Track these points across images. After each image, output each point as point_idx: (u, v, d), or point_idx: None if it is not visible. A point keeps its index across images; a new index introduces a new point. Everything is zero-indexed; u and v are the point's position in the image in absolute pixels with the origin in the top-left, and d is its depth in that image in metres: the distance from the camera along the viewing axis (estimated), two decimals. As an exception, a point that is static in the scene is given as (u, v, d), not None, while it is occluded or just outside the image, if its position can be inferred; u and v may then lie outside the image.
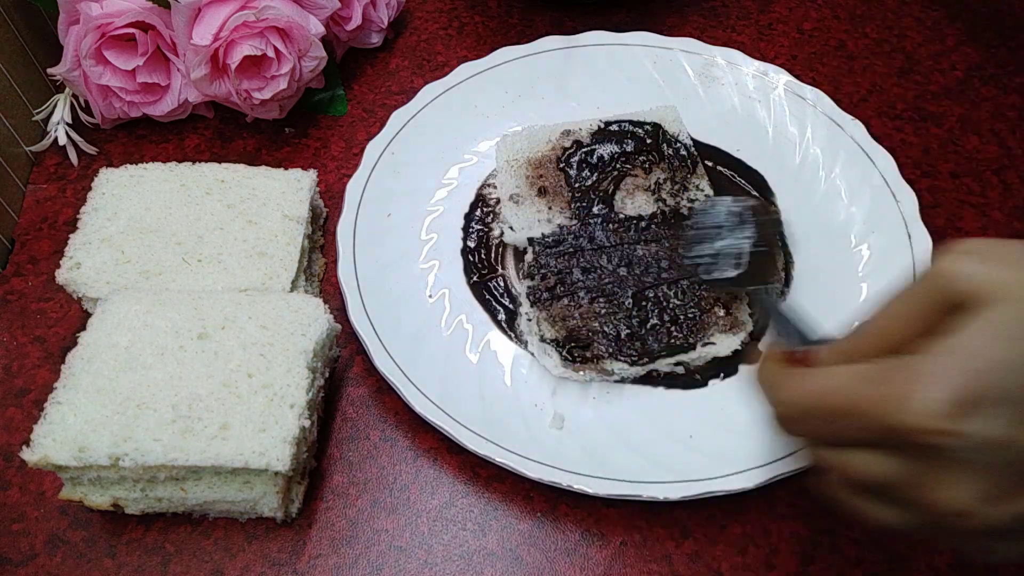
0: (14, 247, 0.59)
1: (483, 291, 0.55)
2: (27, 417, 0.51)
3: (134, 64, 0.60)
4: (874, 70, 0.71)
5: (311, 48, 0.60)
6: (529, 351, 0.52)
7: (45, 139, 0.63)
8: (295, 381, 0.45)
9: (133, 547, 0.47)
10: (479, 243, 0.58)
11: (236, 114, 0.65)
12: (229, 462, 0.42)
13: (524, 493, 0.49)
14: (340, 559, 0.46)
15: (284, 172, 0.56)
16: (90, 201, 0.53)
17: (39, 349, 0.54)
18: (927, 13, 0.75)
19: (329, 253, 0.59)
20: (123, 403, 0.43)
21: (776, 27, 0.74)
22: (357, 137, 0.65)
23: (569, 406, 0.50)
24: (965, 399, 0.27)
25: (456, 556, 0.47)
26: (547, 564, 0.46)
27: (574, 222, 0.56)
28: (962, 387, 0.27)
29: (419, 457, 0.50)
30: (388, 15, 0.69)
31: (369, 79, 0.69)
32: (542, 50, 0.67)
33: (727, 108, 0.65)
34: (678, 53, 0.67)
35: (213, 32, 0.56)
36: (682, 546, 0.47)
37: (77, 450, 0.42)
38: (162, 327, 0.46)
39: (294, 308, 0.48)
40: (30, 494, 0.48)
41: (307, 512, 0.48)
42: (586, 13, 0.73)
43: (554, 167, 0.59)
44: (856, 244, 0.57)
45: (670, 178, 0.58)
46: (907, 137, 0.66)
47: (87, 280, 0.50)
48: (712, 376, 0.52)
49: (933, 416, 0.27)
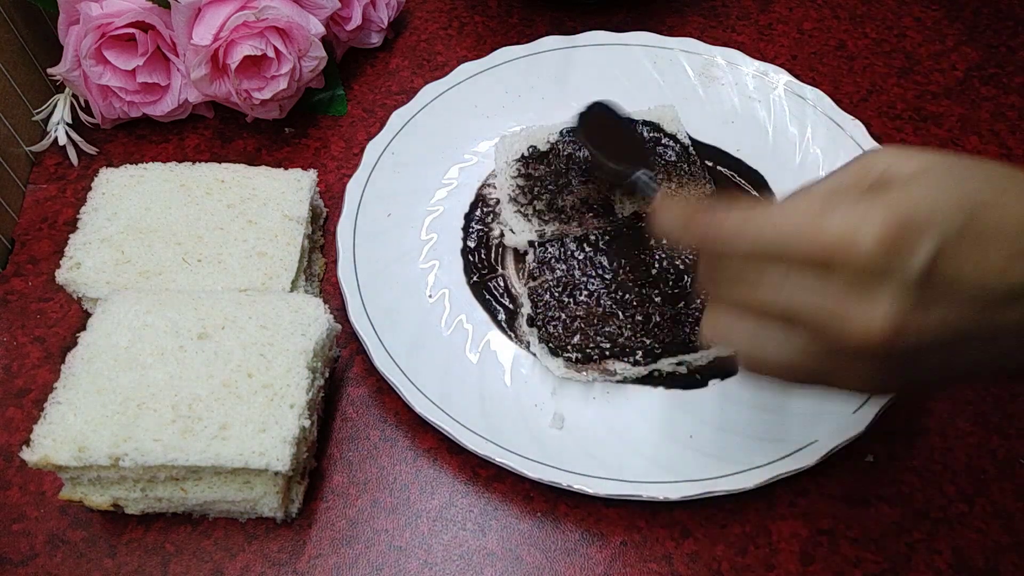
0: (14, 247, 0.59)
1: (483, 291, 0.55)
2: (27, 417, 0.51)
3: (134, 64, 0.60)
4: (874, 70, 0.71)
5: (311, 48, 0.60)
6: (530, 351, 0.52)
7: (45, 139, 0.63)
8: (295, 381, 0.45)
9: (133, 547, 0.47)
10: (479, 243, 0.58)
11: (236, 114, 0.65)
12: (229, 462, 0.42)
13: (524, 493, 0.49)
14: (340, 559, 0.46)
15: (284, 172, 0.56)
16: (90, 201, 0.53)
17: (39, 349, 0.54)
18: (927, 13, 0.75)
19: (329, 253, 0.59)
20: (123, 403, 0.43)
21: (776, 27, 0.74)
22: (357, 137, 0.65)
23: (569, 406, 0.50)
24: (906, 227, 0.31)
25: (456, 556, 0.47)
26: (547, 564, 0.46)
27: (574, 223, 0.56)
28: (904, 218, 0.31)
29: (419, 457, 0.50)
30: (388, 15, 0.69)
31: (369, 79, 0.69)
32: (542, 50, 0.67)
33: (727, 108, 0.65)
34: (678, 53, 0.67)
35: (213, 32, 0.56)
36: (682, 546, 0.47)
37: (77, 450, 0.42)
38: (162, 327, 0.46)
39: (294, 308, 0.48)
40: (30, 494, 0.48)
41: (307, 512, 0.48)
42: (586, 13, 0.73)
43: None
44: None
45: (667, 178, 0.58)
46: (907, 137, 0.66)
47: (87, 280, 0.50)
48: (712, 376, 0.52)
49: (878, 239, 0.31)
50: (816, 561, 0.46)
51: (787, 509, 0.48)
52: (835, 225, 0.32)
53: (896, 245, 0.31)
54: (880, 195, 0.32)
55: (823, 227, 0.32)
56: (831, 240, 0.32)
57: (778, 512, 0.48)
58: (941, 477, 0.49)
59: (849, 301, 0.32)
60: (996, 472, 0.49)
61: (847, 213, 0.32)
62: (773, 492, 0.48)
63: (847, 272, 0.32)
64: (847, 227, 0.32)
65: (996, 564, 0.46)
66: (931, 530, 0.47)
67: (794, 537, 0.47)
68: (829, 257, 0.32)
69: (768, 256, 0.34)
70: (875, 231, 0.31)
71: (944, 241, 0.31)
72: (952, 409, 0.52)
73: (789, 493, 0.49)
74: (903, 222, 0.31)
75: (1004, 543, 0.47)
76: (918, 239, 0.31)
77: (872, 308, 0.31)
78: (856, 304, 0.32)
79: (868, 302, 0.31)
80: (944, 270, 0.31)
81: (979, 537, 0.47)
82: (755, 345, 0.35)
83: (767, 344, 0.35)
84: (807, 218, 0.33)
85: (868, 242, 0.31)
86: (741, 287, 0.35)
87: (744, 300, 0.35)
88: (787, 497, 0.48)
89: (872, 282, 0.31)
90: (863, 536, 0.47)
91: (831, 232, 0.32)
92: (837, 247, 0.32)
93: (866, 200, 0.32)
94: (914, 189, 0.32)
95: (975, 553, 0.47)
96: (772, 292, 0.34)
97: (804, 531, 0.47)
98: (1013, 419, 0.51)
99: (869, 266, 0.31)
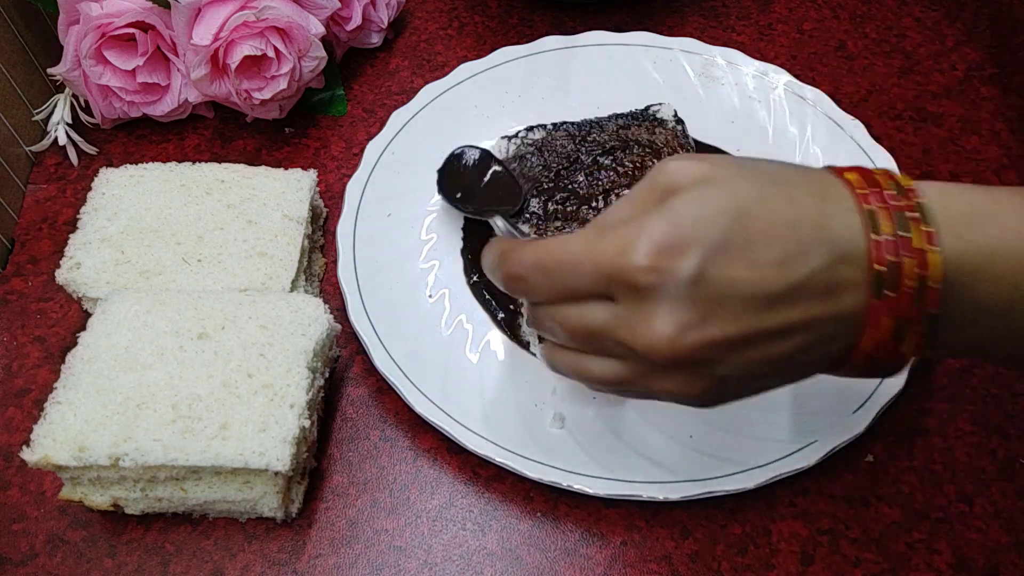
0: (14, 247, 0.59)
1: (483, 291, 0.55)
2: (27, 417, 0.51)
3: (134, 64, 0.60)
4: (874, 70, 0.71)
5: (311, 48, 0.60)
6: (531, 352, 0.52)
7: (45, 139, 0.63)
8: (295, 381, 0.45)
9: (133, 547, 0.47)
10: (479, 243, 0.58)
11: (236, 114, 0.65)
12: (229, 462, 0.42)
13: (524, 493, 0.49)
14: (340, 559, 0.46)
15: (284, 172, 0.56)
16: (90, 201, 0.53)
17: (39, 349, 0.54)
18: (927, 13, 0.75)
19: (329, 253, 0.59)
20: (123, 403, 0.43)
21: (776, 27, 0.74)
22: (357, 137, 0.65)
23: (569, 406, 0.50)
24: (670, 243, 0.32)
25: (456, 556, 0.47)
26: (547, 564, 0.46)
27: (574, 224, 0.56)
28: (668, 234, 0.33)
29: (419, 457, 0.50)
30: (388, 15, 0.69)
31: (369, 79, 0.69)
32: (542, 50, 0.67)
33: (727, 108, 0.65)
34: (678, 53, 0.67)
35: (213, 32, 0.56)
36: (682, 546, 0.47)
37: (77, 450, 0.42)
38: (162, 327, 0.46)
39: (294, 308, 0.48)
40: (30, 494, 0.48)
41: (307, 512, 0.48)
42: (586, 13, 0.73)
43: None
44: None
45: None
46: (907, 137, 0.66)
47: (87, 280, 0.50)
48: (712, 376, 0.52)
49: (646, 256, 0.32)
50: (816, 561, 0.46)
51: (787, 509, 0.48)
52: (610, 246, 0.34)
53: (662, 259, 0.32)
54: (654, 210, 0.34)
55: (600, 249, 0.34)
56: (606, 261, 0.34)
57: (778, 512, 0.48)
58: (941, 477, 0.49)
59: (634, 317, 0.34)
60: (996, 472, 0.49)
61: (621, 233, 0.34)
62: (773, 492, 0.48)
63: (626, 290, 0.33)
64: (619, 246, 0.33)
65: (996, 564, 0.46)
66: (931, 530, 0.47)
67: (794, 537, 0.47)
68: (607, 278, 0.34)
69: (561, 286, 0.36)
70: (644, 247, 0.33)
71: (708, 251, 0.32)
72: (952, 409, 0.52)
73: (789, 493, 0.49)
74: (669, 235, 0.33)
75: (1004, 543, 0.47)
76: (684, 251, 0.32)
77: (653, 321, 0.33)
78: (641, 319, 0.33)
79: (649, 316, 0.33)
80: (712, 279, 0.32)
81: (979, 537, 0.47)
82: (582, 370, 0.37)
83: (591, 368, 0.37)
84: (586, 243, 0.35)
85: (638, 258, 0.33)
86: (552, 318, 0.37)
87: (556, 332, 0.37)
88: (787, 497, 0.48)
89: (649, 296, 0.33)
90: (863, 536, 0.47)
91: (606, 253, 0.34)
92: (611, 267, 0.33)
93: (642, 217, 0.34)
94: (683, 201, 0.33)
95: (975, 553, 0.47)
96: (572, 320, 0.36)
97: (804, 531, 0.47)
98: (1013, 419, 0.51)
99: (643, 281, 0.33)
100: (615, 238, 0.34)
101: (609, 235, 0.34)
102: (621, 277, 0.33)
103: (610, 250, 0.34)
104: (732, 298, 0.32)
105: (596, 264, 0.34)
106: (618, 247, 0.33)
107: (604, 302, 0.35)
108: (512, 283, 0.38)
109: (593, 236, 0.35)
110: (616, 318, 0.34)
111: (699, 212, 0.33)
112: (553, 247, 0.36)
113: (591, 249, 0.34)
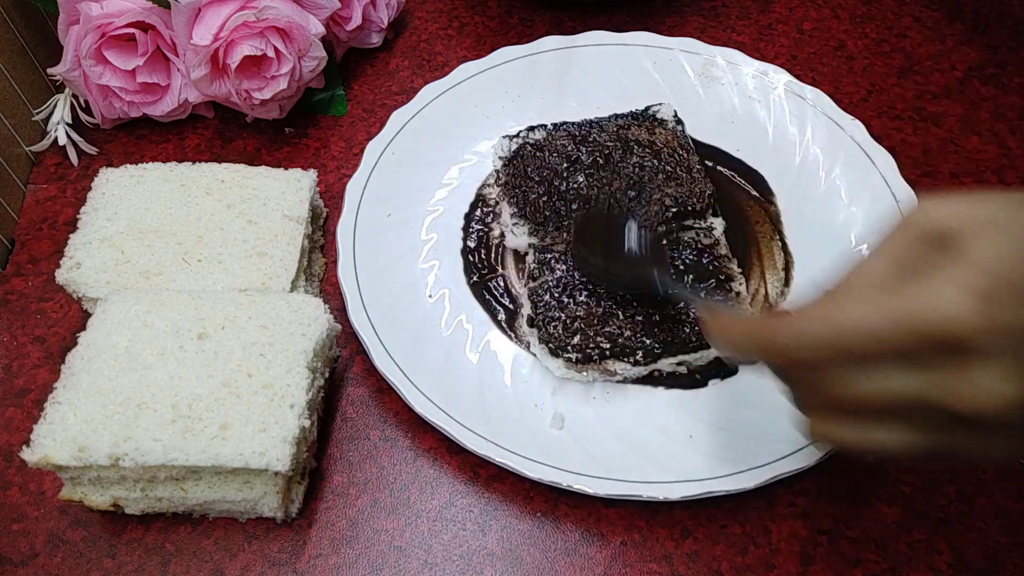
0: (14, 247, 0.59)
1: (483, 291, 0.55)
2: (27, 417, 0.51)
3: (134, 64, 0.60)
4: (874, 70, 0.71)
5: (311, 48, 0.60)
6: (530, 352, 0.52)
7: (45, 139, 0.63)
8: (295, 381, 0.45)
9: (133, 547, 0.47)
10: (479, 243, 0.58)
11: (236, 114, 0.65)
12: (229, 462, 0.42)
13: (524, 493, 0.49)
14: (340, 559, 0.46)
15: (284, 172, 0.56)
16: (90, 201, 0.53)
17: (39, 349, 0.54)
18: (927, 13, 0.75)
19: (329, 253, 0.59)
20: (123, 403, 0.43)
21: (776, 27, 0.74)
22: (357, 137, 0.65)
23: (569, 406, 0.50)
24: (988, 292, 0.29)
25: (456, 556, 0.47)
26: (547, 564, 0.46)
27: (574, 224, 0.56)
28: (982, 284, 0.29)
29: (419, 457, 0.50)
30: (388, 15, 0.69)
31: (369, 79, 0.69)
32: (542, 50, 0.67)
33: (727, 108, 0.65)
34: (678, 53, 0.67)
35: (213, 32, 0.56)
36: (682, 546, 0.47)
37: (77, 450, 0.42)
38: (162, 327, 0.46)
39: (294, 308, 0.48)
40: (30, 494, 0.48)
41: (307, 512, 0.48)
42: (586, 13, 0.73)
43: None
44: (856, 244, 0.57)
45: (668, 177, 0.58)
46: (907, 137, 0.66)
47: (87, 280, 0.50)
48: (712, 376, 0.52)
49: (961, 312, 0.29)
50: (816, 561, 0.46)
51: (787, 509, 0.48)
52: (913, 303, 0.30)
53: (992, 311, 0.29)
54: (954, 260, 0.30)
55: (899, 308, 0.31)
56: (917, 324, 0.30)
57: (778, 512, 0.48)
58: (941, 477, 0.49)
59: (956, 378, 0.30)
60: (996, 472, 0.49)
61: (924, 291, 0.30)
62: (773, 492, 0.48)
63: (940, 349, 0.30)
64: (930, 306, 0.30)
65: (996, 564, 0.46)
66: (931, 530, 0.47)
67: (794, 537, 0.47)
68: (918, 341, 0.30)
69: (848, 354, 0.32)
70: (961, 300, 0.29)
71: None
72: (952, 409, 0.52)
73: (789, 493, 0.49)
74: (986, 285, 0.29)
75: (1004, 543, 0.47)
76: (1007, 300, 0.29)
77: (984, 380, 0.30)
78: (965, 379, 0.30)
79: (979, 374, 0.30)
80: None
81: (979, 537, 0.47)
82: (866, 440, 0.34)
83: (877, 437, 0.34)
84: (879, 306, 0.31)
85: (962, 315, 0.29)
86: (829, 391, 0.34)
87: (836, 403, 0.34)
88: (787, 497, 0.48)
89: (975, 353, 0.30)
90: (863, 536, 0.47)
91: (912, 311, 0.30)
92: (925, 329, 0.30)
93: (939, 270, 0.31)
94: (988, 246, 0.30)
95: (975, 553, 0.47)
96: (865, 388, 0.32)
97: (804, 531, 0.47)
98: (1013, 419, 0.51)
99: (970, 338, 0.29)
100: (921, 294, 0.30)
101: (910, 292, 0.31)
102: (937, 335, 0.30)
103: (918, 307, 0.30)
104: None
105: (898, 324, 0.30)
106: (929, 303, 0.30)
107: (907, 362, 0.31)
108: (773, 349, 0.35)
109: (883, 293, 0.31)
110: (928, 382, 0.31)
111: (1006, 256, 0.30)
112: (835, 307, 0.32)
113: (890, 308, 0.31)
